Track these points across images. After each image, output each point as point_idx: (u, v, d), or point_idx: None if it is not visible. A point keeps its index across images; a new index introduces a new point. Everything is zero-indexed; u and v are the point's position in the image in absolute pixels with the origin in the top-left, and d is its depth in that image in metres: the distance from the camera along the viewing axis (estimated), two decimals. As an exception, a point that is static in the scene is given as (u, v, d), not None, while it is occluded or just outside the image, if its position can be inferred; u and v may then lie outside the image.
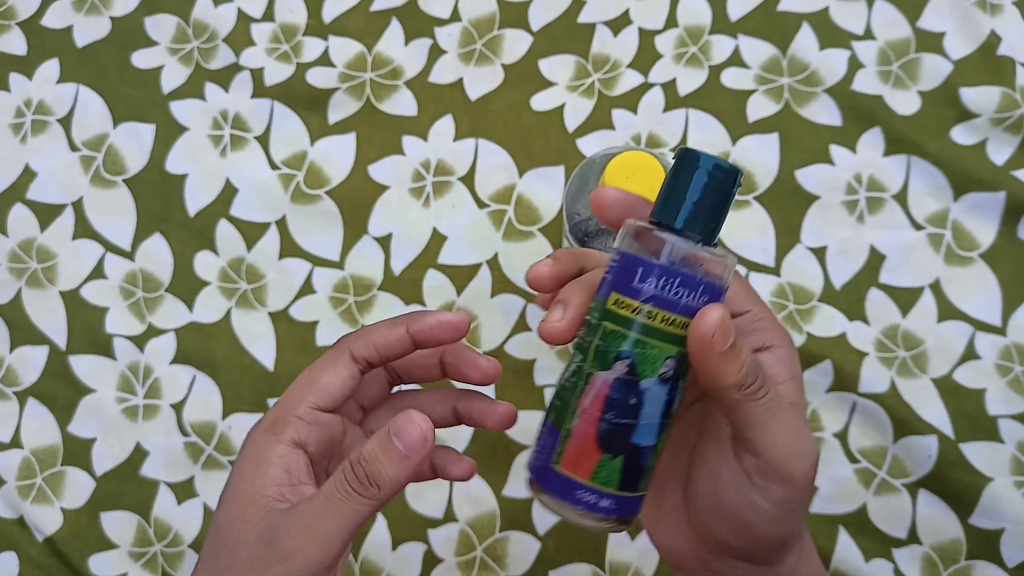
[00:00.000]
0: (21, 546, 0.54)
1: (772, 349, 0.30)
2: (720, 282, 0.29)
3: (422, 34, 0.60)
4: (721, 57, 0.58)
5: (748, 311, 0.30)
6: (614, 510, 0.29)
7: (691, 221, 0.28)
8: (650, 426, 0.29)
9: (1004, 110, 0.55)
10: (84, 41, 0.61)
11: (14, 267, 0.58)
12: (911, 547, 0.51)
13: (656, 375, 0.28)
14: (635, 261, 0.28)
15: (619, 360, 0.28)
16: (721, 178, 0.28)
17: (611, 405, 0.28)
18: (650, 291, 0.28)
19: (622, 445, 0.29)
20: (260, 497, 0.30)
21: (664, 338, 0.28)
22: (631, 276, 0.28)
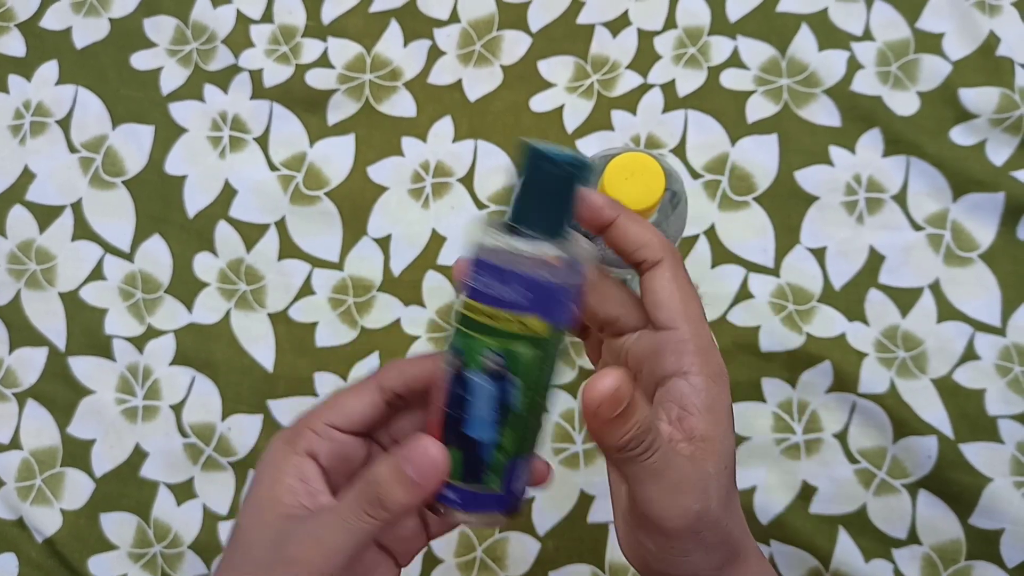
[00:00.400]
0: (21, 547, 0.54)
1: (688, 376, 0.29)
2: (542, 276, 0.28)
3: (421, 35, 0.60)
4: (720, 58, 0.58)
5: (675, 329, 0.30)
6: (459, 503, 0.30)
7: (523, 216, 0.28)
8: (482, 420, 0.29)
9: (1003, 111, 0.55)
10: (83, 43, 0.61)
11: (13, 268, 0.58)
12: (911, 547, 0.51)
13: (479, 367, 0.29)
14: (474, 260, 0.29)
15: (453, 354, 0.29)
16: (553, 172, 0.28)
17: (448, 397, 0.29)
18: (470, 283, 0.28)
19: (454, 436, 0.29)
20: (277, 503, 0.30)
21: (481, 330, 0.28)
22: (470, 276, 0.29)
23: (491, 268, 0.28)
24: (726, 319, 0.54)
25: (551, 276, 0.28)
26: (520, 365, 0.29)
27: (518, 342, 0.28)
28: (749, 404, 0.53)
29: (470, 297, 0.28)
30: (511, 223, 0.29)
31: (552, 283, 0.28)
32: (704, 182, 0.56)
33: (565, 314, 0.29)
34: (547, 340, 0.29)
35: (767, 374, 0.54)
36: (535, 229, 0.28)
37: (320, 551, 0.29)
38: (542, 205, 0.28)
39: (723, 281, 0.55)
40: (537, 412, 0.30)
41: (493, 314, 0.28)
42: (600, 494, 0.53)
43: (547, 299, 0.28)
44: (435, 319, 0.56)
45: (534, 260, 0.28)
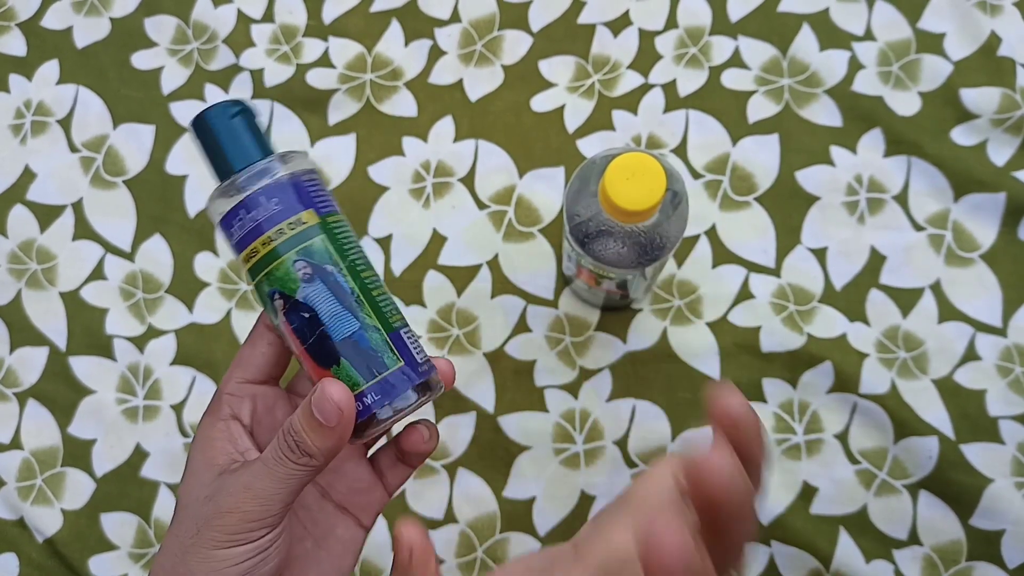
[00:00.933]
0: (21, 547, 0.54)
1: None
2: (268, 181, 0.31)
3: (422, 35, 0.60)
4: (721, 58, 0.58)
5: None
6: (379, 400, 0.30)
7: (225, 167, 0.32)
8: (338, 317, 0.31)
9: (1004, 111, 0.55)
10: (84, 42, 0.61)
11: (14, 268, 0.58)
12: (912, 548, 0.51)
13: (298, 283, 0.31)
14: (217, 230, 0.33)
15: (272, 299, 0.31)
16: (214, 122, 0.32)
17: (300, 332, 0.31)
18: (236, 236, 0.31)
19: (330, 351, 0.31)
20: (211, 465, 0.32)
21: (274, 255, 0.31)
22: (227, 236, 0.32)
23: (237, 210, 0.31)
24: (727, 319, 0.54)
25: (279, 175, 0.31)
26: (319, 253, 0.31)
27: (306, 239, 0.31)
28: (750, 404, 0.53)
29: (244, 245, 0.31)
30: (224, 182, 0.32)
31: (282, 179, 0.31)
32: (705, 182, 0.56)
33: (316, 196, 0.32)
34: (320, 223, 0.32)
35: (768, 374, 0.54)
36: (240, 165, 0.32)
37: (251, 498, 0.30)
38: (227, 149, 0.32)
39: (724, 281, 0.55)
40: (370, 281, 0.32)
41: (268, 238, 0.31)
42: (601, 494, 0.53)
43: (292, 194, 0.31)
44: (436, 319, 0.56)
45: (254, 178, 0.31)
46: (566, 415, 0.54)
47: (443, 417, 0.54)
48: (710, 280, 0.55)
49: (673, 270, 0.55)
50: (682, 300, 0.55)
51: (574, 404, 0.54)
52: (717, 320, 0.54)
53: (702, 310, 0.55)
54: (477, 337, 0.55)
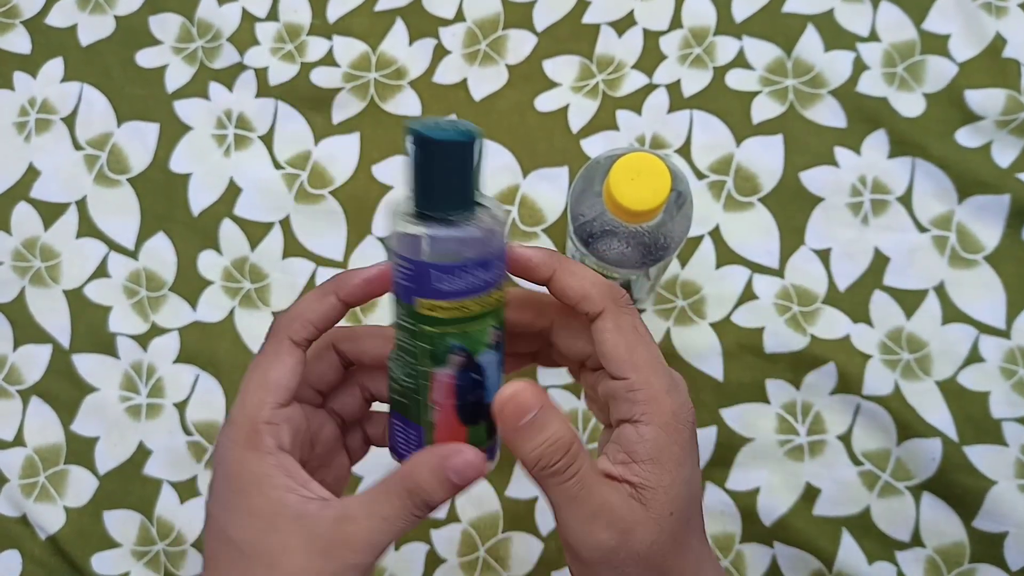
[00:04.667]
0: (24, 544, 0.55)
1: (637, 426, 0.30)
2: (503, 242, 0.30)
3: (426, 34, 0.60)
4: (726, 58, 0.58)
5: (626, 379, 0.30)
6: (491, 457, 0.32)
7: (451, 202, 0.28)
8: (495, 383, 0.31)
9: (1009, 112, 0.55)
10: (88, 40, 0.61)
11: (18, 265, 0.58)
12: (914, 550, 0.51)
13: (487, 347, 0.30)
14: (427, 267, 0.28)
15: (453, 353, 0.30)
16: (452, 152, 0.28)
17: (461, 391, 0.30)
18: (455, 287, 0.28)
19: (482, 413, 0.31)
20: (285, 507, 0.30)
21: (483, 317, 0.29)
22: (428, 280, 0.28)
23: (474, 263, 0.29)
24: (730, 320, 0.54)
25: (498, 246, 0.30)
26: (503, 323, 0.31)
27: (500, 308, 0.30)
28: (753, 405, 0.53)
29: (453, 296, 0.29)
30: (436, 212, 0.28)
31: (499, 251, 0.30)
32: (709, 183, 0.56)
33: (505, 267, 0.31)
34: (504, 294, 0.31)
35: (771, 375, 0.54)
36: (460, 208, 0.29)
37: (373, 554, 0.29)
38: (452, 185, 0.28)
39: (727, 282, 0.55)
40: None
41: (482, 300, 0.29)
42: (603, 494, 0.53)
43: (501, 267, 0.30)
44: (439, 318, 0.56)
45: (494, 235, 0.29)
46: (568, 415, 0.54)
47: (446, 416, 0.54)
48: (713, 281, 0.55)
49: (677, 270, 0.55)
50: (685, 300, 0.55)
51: (576, 404, 0.54)
52: (720, 321, 0.54)
53: (705, 311, 0.54)
54: (480, 336, 0.55)
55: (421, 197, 0.28)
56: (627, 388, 0.30)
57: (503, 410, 0.29)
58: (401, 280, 0.29)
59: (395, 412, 0.32)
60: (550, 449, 0.28)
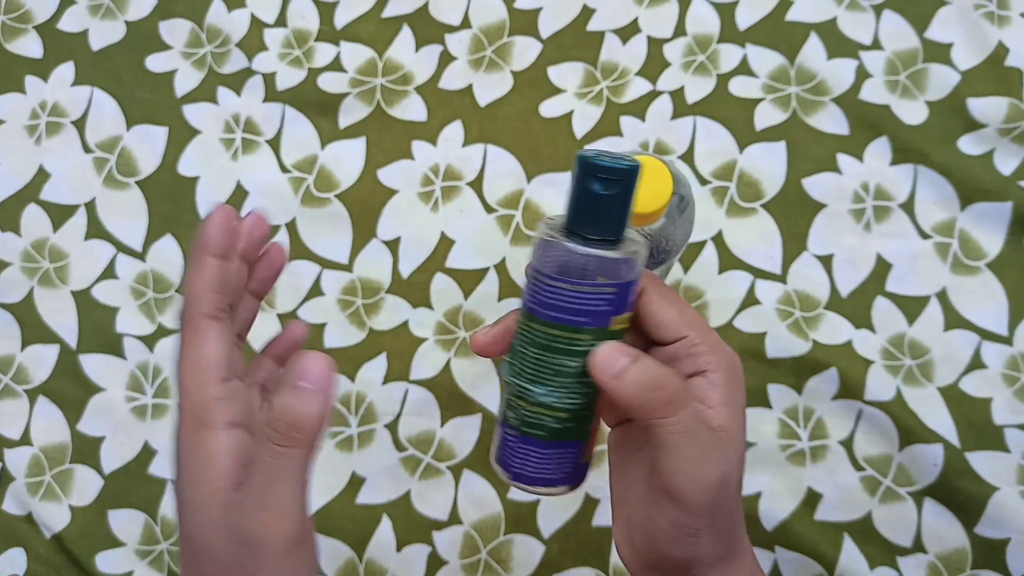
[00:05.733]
0: (29, 543, 0.55)
1: (706, 374, 0.31)
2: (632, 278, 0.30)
3: (432, 41, 0.60)
4: (729, 66, 0.58)
5: (684, 336, 0.31)
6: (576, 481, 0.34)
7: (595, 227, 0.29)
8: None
9: (1011, 120, 0.55)
10: (99, 45, 0.62)
11: (27, 266, 0.59)
12: (916, 556, 0.51)
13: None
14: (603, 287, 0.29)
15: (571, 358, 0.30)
16: (615, 180, 0.29)
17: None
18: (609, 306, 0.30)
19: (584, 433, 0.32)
20: (216, 493, 0.28)
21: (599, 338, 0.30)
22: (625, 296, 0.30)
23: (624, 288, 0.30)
24: (732, 325, 0.54)
25: (634, 276, 0.30)
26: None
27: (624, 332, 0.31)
28: (755, 410, 0.53)
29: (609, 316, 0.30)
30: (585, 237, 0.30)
31: (634, 281, 0.30)
32: (712, 188, 0.56)
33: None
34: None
35: (773, 380, 0.54)
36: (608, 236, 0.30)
37: (278, 516, 0.28)
38: (609, 214, 0.30)
39: (730, 287, 0.55)
40: None
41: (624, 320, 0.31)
42: (605, 497, 0.53)
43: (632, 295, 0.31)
44: (443, 321, 0.56)
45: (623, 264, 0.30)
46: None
47: (449, 419, 0.55)
48: (716, 286, 0.55)
49: (679, 275, 0.55)
50: (688, 305, 0.55)
51: (579, 407, 0.54)
52: (723, 326, 0.54)
53: (708, 315, 0.55)
54: (483, 340, 0.55)
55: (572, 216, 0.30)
56: (689, 344, 0.31)
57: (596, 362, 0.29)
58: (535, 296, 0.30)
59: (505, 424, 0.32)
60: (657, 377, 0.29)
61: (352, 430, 0.55)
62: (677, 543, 0.30)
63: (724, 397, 0.31)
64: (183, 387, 0.30)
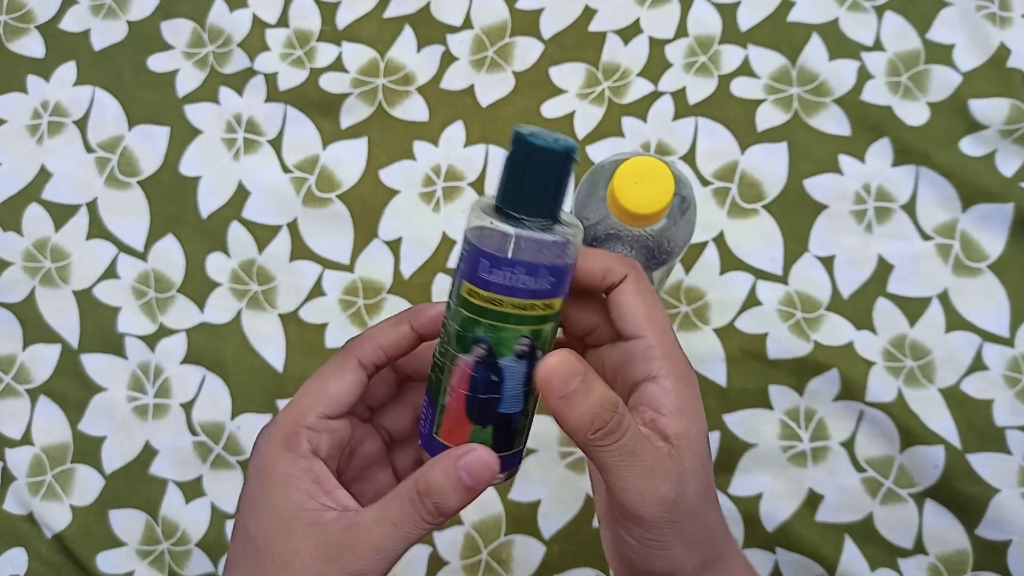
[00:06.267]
0: (30, 542, 0.55)
1: (657, 380, 0.30)
2: (564, 261, 0.30)
3: (434, 41, 0.60)
4: (731, 67, 0.58)
5: (642, 337, 0.31)
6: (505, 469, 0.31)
7: (526, 205, 0.29)
8: (514, 396, 0.30)
9: (1013, 122, 0.55)
10: (101, 44, 0.62)
11: (28, 266, 0.59)
12: (917, 557, 0.51)
13: (512, 354, 0.30)
14: (479, 253, 0.29)
15: (476, 344, 0.30)
16: (549, 160, 0.29)
17: (475, 384, 0.30)
18: (495, 280, 0.29)
19: (490, 417, 0.31)
20: (302, 511, 0.30)
21: (515, 321, 0.29)
22: (476, 266, 0.29)
23: (515, 263, 0.29)
24: (734, 326, 0.54)
25: (566, 259, 0.30)
26: (544, 340, 0.30)
27: (545, 323, 0.30)
28: (756, 411, 0.53)
29: (493, 290, 0.29)
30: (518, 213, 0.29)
31: (567, 264, 0.30)
32: (713, 189, 0.56)
33: (569, 284, 0.31)
34: (559, 311, 0.31)
35: (774, 381, 0.54)
36: (535, 214, 0.29)
37: (383, 561, 0.29)
38: (546, 193, 0.29)
39: (731, 288, 0.55)
40: None
41: (521, 305, 0.29)
42: (606, 498, 0.53)
43: (564, 280, 0.30)
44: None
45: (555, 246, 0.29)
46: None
47: (450, 419, 0.55)
48: (717, 286, 0.55)
49: (681, 276, 0.55)
50: (689, 306, 0.55)
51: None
52: (724, 327, 0.54)
53: (709, 316, 0.55)
54: (485, 340, 0.56)
55: (502, 194, 0.30)
56: (646, 346, 0.31)
57: (551, 379, 0.29)
58: (460, 261, 0.30)
59: (427, 391, 0.32)
60: (601, 409, 0.28)
61: (353, 430, 0.55)
62: (651, 558, 0.30)
63: (678, 403, 0.30)
64: (295, 398, 0.32)
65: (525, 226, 0.29)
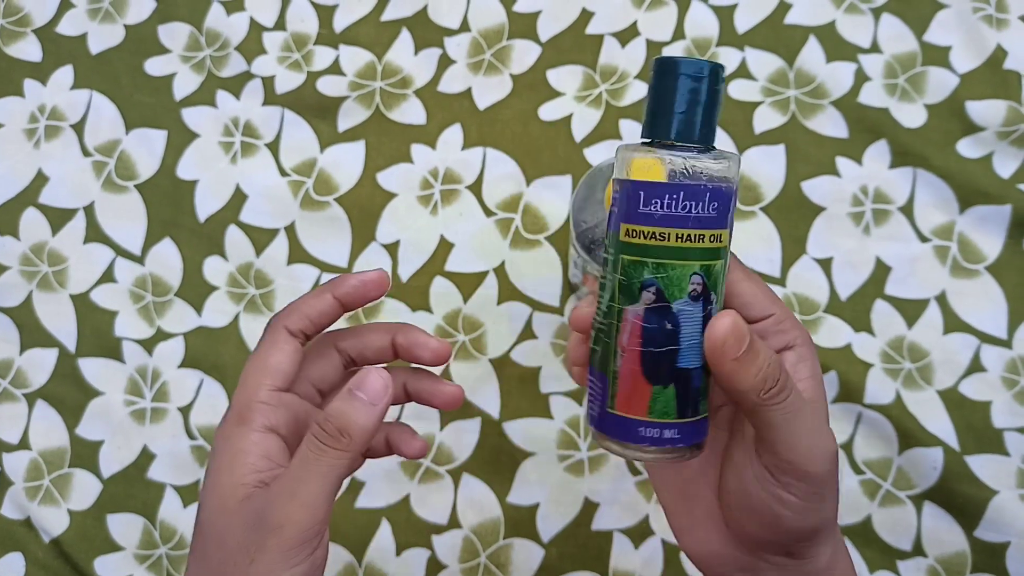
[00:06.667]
0: (28, 547, 0.55)
1: (795, 348, 0.32)
2: (726, 185, 0.28)
3: (431, 44, 0.60)
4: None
5: (772, 314, 0.31)
6: (680, 439, 0.29)
7: (682, 131, 0.28)
8: (693, 347, 0.28)
9: (1010, 124, 0.55)
10: (98, 48, 0.62)
11: (25, 270, 0.59)
12: (916, 559, 0.51)
13: (685, 295, 0.28)
14: (636, 186, 0.27)
15: (645, 289, 0.28)
16: (702, 80, 0.28)
17: (649, 336, 0.28)
18: (658, 212, 0.27)
19: (670, 374, 0.28)
20: (239, 486, 0.30)
21: (684, 255, 0.27)
22: (636, 202, 0.27)
23: (677, 190, 0.27)
24: (732, 328, 0.54)
25: (728, 183, 0.28)
26: (715, 280, 0.28)
27: (716, 258, 0.28)
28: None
29: (668, 226, 0.27)
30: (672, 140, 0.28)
31: (730, 188, 0.28)
32: (711, 192, 0.56)
33: (732, 218, 0.29)
34: (726, 247, 0.29)
35: (773, 383, 0.54)
36: (697, 141, 0.28)
37: (301, 506, 0.28)
38: (701, 117, 0.28)
39: (729, 290, 0.55)
40: None
41: (690, 235, 0.27)
42: (604, 501, 0.53)
43: (728, 208, 0.28)
44: (442, 325, 0.56)
45: (718, 169, 0.28)
46: (571, 422, 0.54)
47: (448, 422, 0.55)
48: (715, 289, 0.55)
49: (679, 279, 0.55)
50: (687, 308, 0.55)
51: (579, 411, 0.54)
52: (722, 329, 0.54)
53: (707, 319, 0.55)
54: (483, 343, 0.56)
55: (650, 124, 0.28)
56: (776, 321, 0.31)
57: (727, 340, 0.27)
58: (612, 208, 0.29)
59: (591, 369, 0.30)
60: (772, 368, 0.28)
61: (351, 434, 0.55)
62: (808, 513, 0.30)
63: (812, 369, 0.31)
64: (240, 381, 0.33)
65: (681, 151, 0.28)
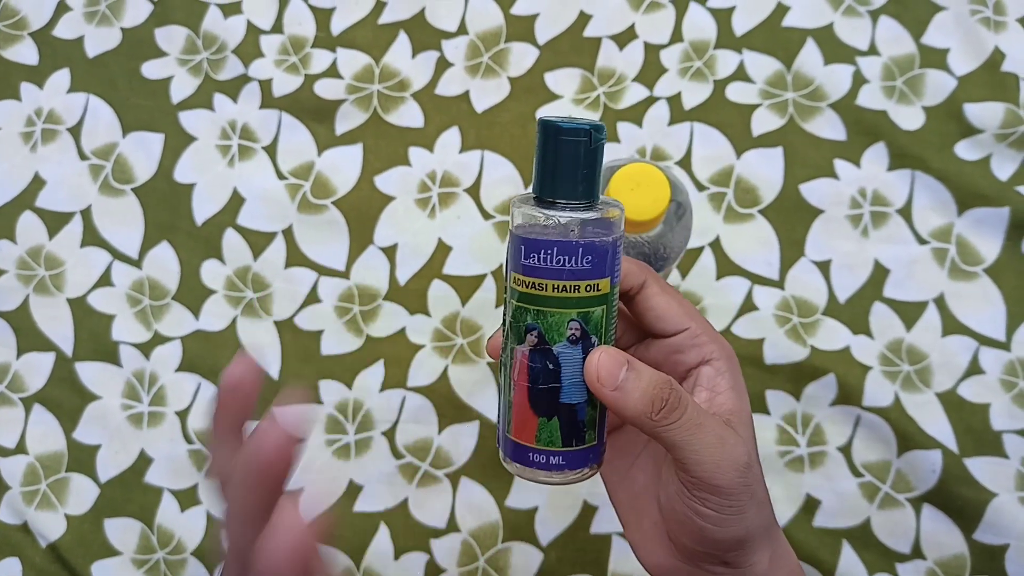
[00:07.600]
0: (24, 552, 0.55)
1: (711, 362, 0.33)
2: (601, 239, 0.30)
3: (429, 47, 0.60)
4: (726, 72, 0.58)
5: (686, 328, 0.32)
6: (565, 465, 0.31)
7: (558, 189, 0.30)
8: (574, 385, 0.31)
9: (1008, 126, 0.55)
10: (95, 51, 0.62)
11: (22, 274, 0.59)
12: (915, 562, 0.51)
13: (564, 339, 0.30)
14: (518, 240, 0.30)
15: (528, 332, 0.31)
16: (580, 143, 0.29)
17: (533, 374, 0.31)
18: (535, 264, 0.30)
19: (553, 408, 0.31)
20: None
21: (562, 304, 0.30)
22: (518, 254, 0.30)
23: (552, 244, 0.29)
24: (730, 331, 0.54)
25: (607, 238, 0.30)
26: (595, 325, 0.31)
27: (593, 306, 0.30)
28: (753, 416, 0.53)
29: (537, 275, 0.30)
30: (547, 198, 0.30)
31: (604, 243, 0.30)
32: (709, 194, 0.56)
33: (617, 264, 0.31)
34: (609, 293, 0.31)
35: (771, 386, 0.54)
36: (568, 196, 0.30)
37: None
38: (579, 175, 0.30)
39: (728, 293, 0.55)
40: None
41: (564, 286, 0.30)
42: (603, 504, 0.53)
43: (605, 260, 0.30)
44: (440, 328, 0.56)
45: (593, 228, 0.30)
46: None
47: (446, 426, 0.55)
48: (714, 292, 0.55)
49: (677, 281, 0.55)
50: (686, 311, 0.55)
51: (577, 414, 0.54)
52: (721, 332, 0.54)
53: (706, 321, 0.55)
54: (481, 347, 0.55)
55: (537, 182, 0.30)
56: (691, 335, 0.33)
57: (598, 374, 0.29)
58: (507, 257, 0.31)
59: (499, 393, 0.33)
60: (657, 389, 0.29)
61: (349, 437, 0.55)
62: (727, 524, 0.30)
63: (731, 382, 0.32)
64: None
65: (557, 208, 0.30)
